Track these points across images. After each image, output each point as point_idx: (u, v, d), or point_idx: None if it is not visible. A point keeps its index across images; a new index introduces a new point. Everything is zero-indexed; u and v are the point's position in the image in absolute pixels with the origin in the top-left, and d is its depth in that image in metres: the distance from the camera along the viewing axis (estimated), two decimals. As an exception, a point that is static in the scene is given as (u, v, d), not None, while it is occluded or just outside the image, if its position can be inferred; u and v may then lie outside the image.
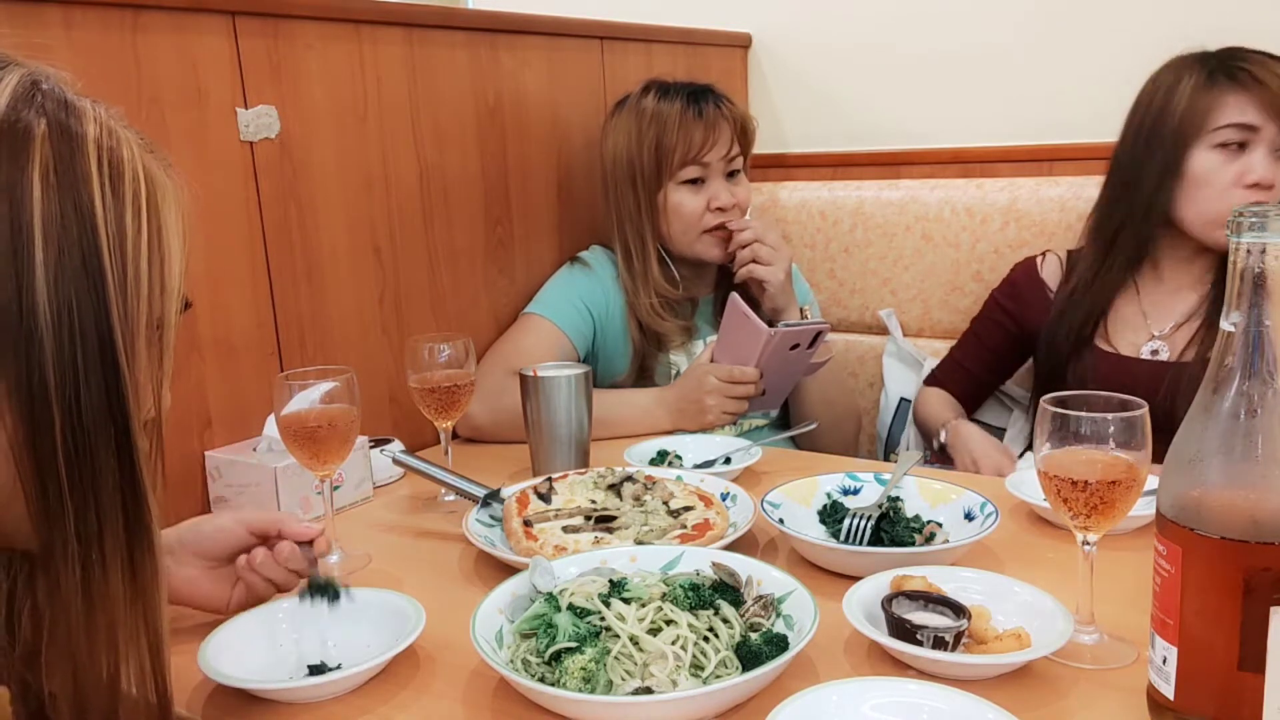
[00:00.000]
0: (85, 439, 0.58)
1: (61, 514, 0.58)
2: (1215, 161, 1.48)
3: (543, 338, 1.71)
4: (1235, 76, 1.47)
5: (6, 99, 0.57)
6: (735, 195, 1.74)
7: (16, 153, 0.56)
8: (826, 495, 1.25)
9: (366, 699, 0.90)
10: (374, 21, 1.52)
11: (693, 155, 1.70)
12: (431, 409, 1.38)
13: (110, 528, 0.60)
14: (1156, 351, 1.58)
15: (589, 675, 0.82)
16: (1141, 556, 1.05)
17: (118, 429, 0.59)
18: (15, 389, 0.56)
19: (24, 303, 0.55)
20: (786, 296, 1.72)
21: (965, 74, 2.13)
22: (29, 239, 0.55)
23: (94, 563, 0.59)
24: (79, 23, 1.18)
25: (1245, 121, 1.46)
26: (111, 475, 0.59)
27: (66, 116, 0.59)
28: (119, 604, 0.61)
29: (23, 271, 0.55)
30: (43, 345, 0.56)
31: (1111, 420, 0.86)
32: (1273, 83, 1.45)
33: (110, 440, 0.59)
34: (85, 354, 0.57)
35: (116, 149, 0.60)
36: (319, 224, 1.48)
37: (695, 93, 1.72)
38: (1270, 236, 0.70)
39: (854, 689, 0.79)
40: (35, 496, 0.57)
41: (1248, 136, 1.47)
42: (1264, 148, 1.46)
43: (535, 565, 0.98)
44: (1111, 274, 1.61)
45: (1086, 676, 0.87)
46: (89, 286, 0.57)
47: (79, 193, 0.57)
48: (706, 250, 1.76)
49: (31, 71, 0.60)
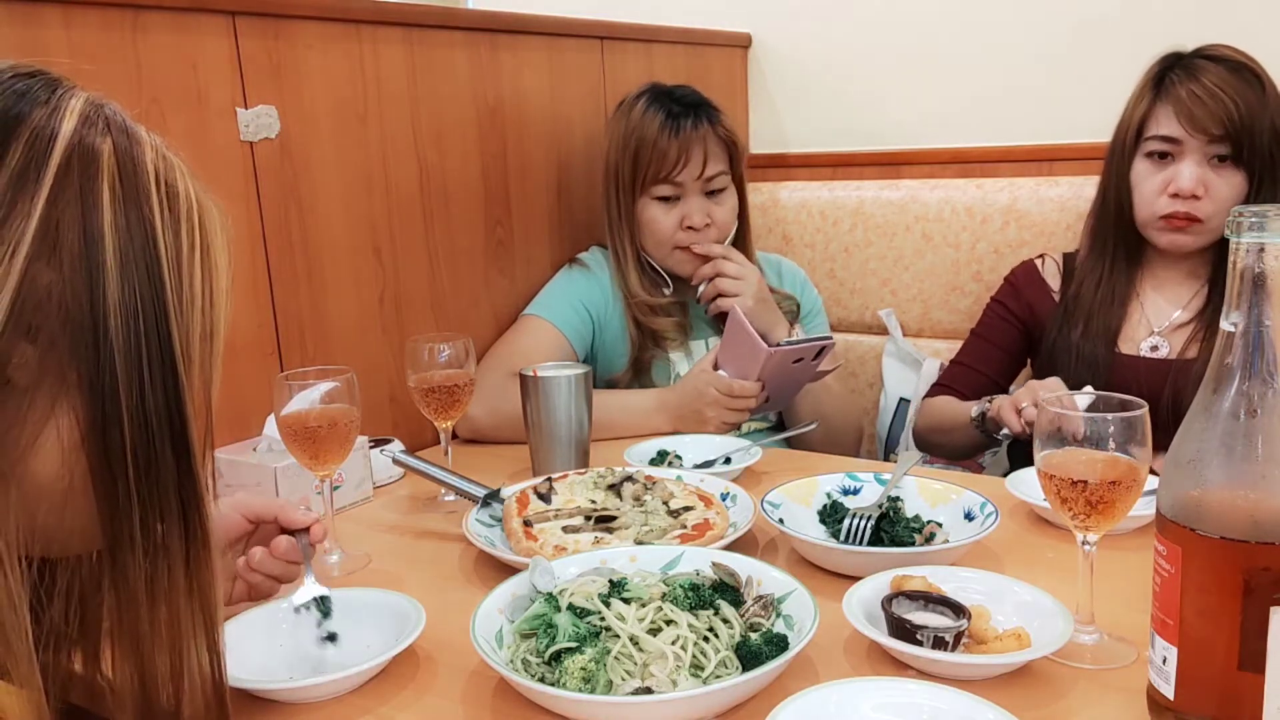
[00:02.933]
0: (150, 436, 0.62)
1: (129, 507, 0.62)
2: (1147, 170, 1.54)
3: (542, 339, 1.71)
4: (1165, 87, 1.51)
5: (76, 119, 0.61)
6: (712, 215, 1.72)
7: (87, 165, 0.60)
8: (826, 495, 1.25)
9: (366, 699, 0.90)
10: (374, 21, 1.52)
11: (664, 174, 1.69)
12: (431, 409, 1.38)
13: (172, 522, 0.64)
14: (1156, 348, 1.59)
15: (589, 675, 0.82)
16: (1141, 556, 1.06)
17: (175, 430, 0.63)
18: (88, 385, 0.60)
19: (95, 304, 0.59)
20: (767, 318, 1.69)
21: (965, 74, 2.13)
22: (100, 245, 0.59)
23: (159, 555, 0.63)
24: (79, 23, 1.18)
25: (1168, 134, 1.50)
26: (172, 472, 0.63)
27: (127, 140, 0.63)
28: (180, 595, 0.65)
29: (95, 275, 0.59)
30: (112, 345, 0.60)
31: (1111, 420, 0.86)
32: (1199, 94, 1.47)
33: (169, 439, 0.63)
34: (149, 356, 0.61)
35: (170, 172, 0.65)
36: (319, 224, 1.48)
37: (680, 108, 1.70)
38: (1269, 236, 0.70)
39: (854, 689, 0.79)
40: (103, 489, 0.61)
41: (1172, 148, 1.51)
42: (1192, 158, 1.49)
43: (535, 565, 0.98)
44: (1114, 276, 1.62)
45: (1086, 676, 0.87)
46: (151, 295, 0.61)
47: (141, 208, 0.62)
48: (679, 266, 1.75)
49: (93, 97, 0.64)
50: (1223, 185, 1.50)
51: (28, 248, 0.57)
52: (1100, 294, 1.63)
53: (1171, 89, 1.51)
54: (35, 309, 0.57)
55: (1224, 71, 1.48)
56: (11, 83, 0.61)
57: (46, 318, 0.58)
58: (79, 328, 0.59)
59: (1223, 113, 1.46)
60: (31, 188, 0.58)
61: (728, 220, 1.76)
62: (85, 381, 0.59)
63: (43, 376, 0.59)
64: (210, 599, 0.67)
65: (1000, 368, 1.78)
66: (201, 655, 0.67)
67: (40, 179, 0.58)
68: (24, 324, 0.57)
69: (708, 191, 1.73)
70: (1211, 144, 1.48)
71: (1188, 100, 1.48)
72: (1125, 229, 1.60)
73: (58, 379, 0.59)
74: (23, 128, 0.59)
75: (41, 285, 0.57)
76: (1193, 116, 1.47)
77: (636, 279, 1.75)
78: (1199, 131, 1.47)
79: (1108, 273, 1.63)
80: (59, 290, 0.58)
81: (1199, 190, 1.49)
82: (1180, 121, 1.49)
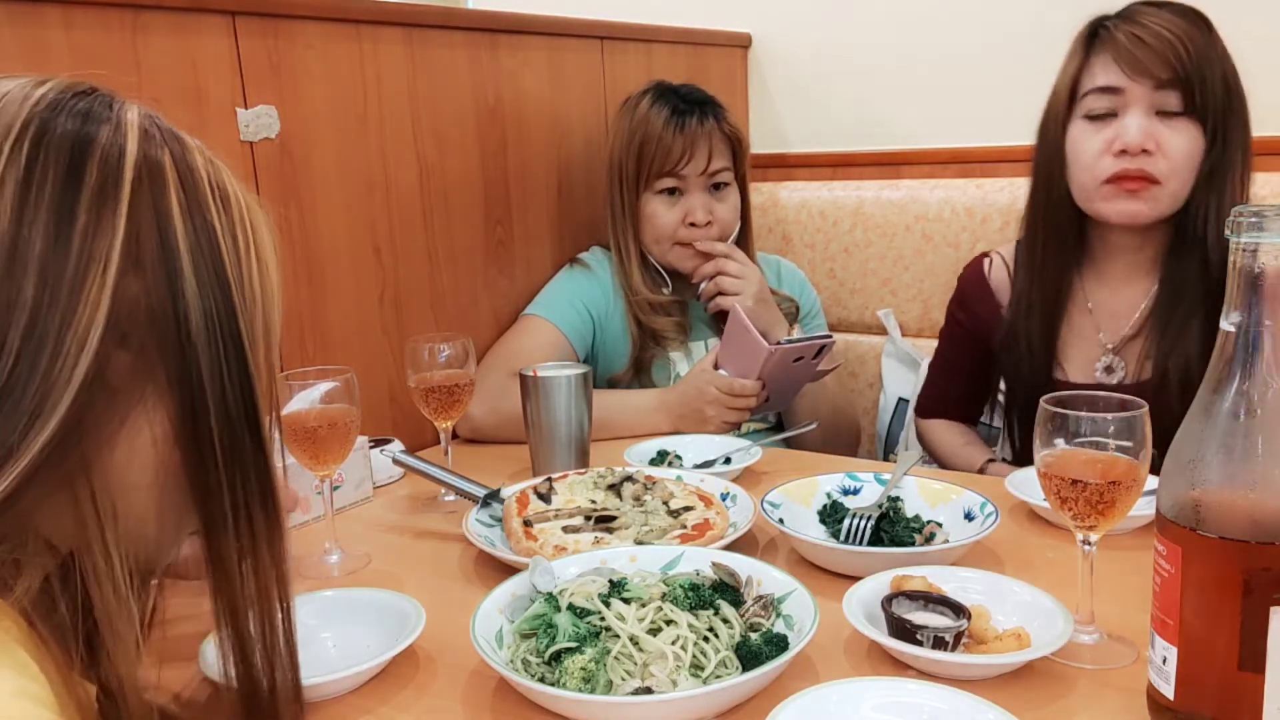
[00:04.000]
0: (232, 425, 0.67)
1: (219, 490, 0.67)
2: (1084, 132, 1.35)
3: (542, 339, 1.71)
4: (1099, 37, 1.34)
5: (137, 134, 0.65)
6: (714, 212, 1.72)
7: (155, 180, 0.64)
8: (826, 495, 1.25)
9: (366, 699, 0.90)
10: (374, 21, 1.52)
11: (668, 167, 1.70)
12: (431, 409, 1.38)
13: (254, 502, 0.69)
14: (1111, 369, 1.44)
15: (589, 675, 0.82)
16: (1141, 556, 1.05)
17: (250, 417, 0.68)
18: (176, 383, 0.65)
19: (178, 309, 0.64)
20: (767, 318, 1.69)
21: (965, 74, 2.13)
22: (176, 253, 0.64)
23: (247, 532, 0.69)
24: (79, 23, 1.18)
25: (1108, 84, 1.32)
26: (251, 456, 0.68)
27: (181, 148, 0.67)
28: (266, 567, 0.71)
29: (174, 281, 0.64)
30: (195, 345, 0.64)
31: (1111, 420, 0.86)
32: (1142, 35, 1.29)
33: (247, 427, 0.68)
34: (226, 352, 0.66)
35: (218, 174, 0.69)
36: (319, 224, 1.48)
37: (686, 104, 1.71)
38: (1268, 236, 0.70)
39: (854, 689, 0.79)
40: (196, 476, 0.66)
41: (1115, 102, 1.32)
42: (1138, 108, 1.30)
43: (535, 565, 0.98)
44: (1055, 276, 1.45)
45: (1086, 676, 0.87)
46: (223, 296, 0.66)
47: (205, 213, 0.66)
48: (679, 262, 1.75)
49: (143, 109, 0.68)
50: (1176, 138, 1.30)
51: (117, 262, 0.61)
52: (1041, 305, 1.45)
53: (1108, 38, 1.33)
54: (127, 318, 0.62)
55: (1168, 15, 1.31)
56: (73, 103, 0.64)
57: (136, 324, 0.63)
58: (164, 332, 0.64)
59: (1170, 54, 1.27)
60: (112, 205, 0.61)
61: (730, 217, 1.76)
62: (174, 380, 0.64)
63: (135, 379, 0.64)
64: (285, 570, 0.73)
65: (972, 383, 1.64)
66: (282, 622, 0.73)
67: (118, 196, 0.62)
68: (119, 332, 0.62)
69: (711, 187, 1.73)
70: (1160, 90, 1.29)
71: (1128, 44, 1.29)
72: (1062, 216, 1.41)
73: (148, 379, 0.64)
74: (94, 147, 0.62)
75: (130, 296, 0.62)
76: (1134, 60, 1.28)
77: (639, 276, 1.76)
78: (1143, 76, 1.29)
79: (1048, 275, 1.44)
80: (145, 299, 0.63)
81: (1149, 144, 1.29)
82: (1121, 67, 1.30)
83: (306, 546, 1.20)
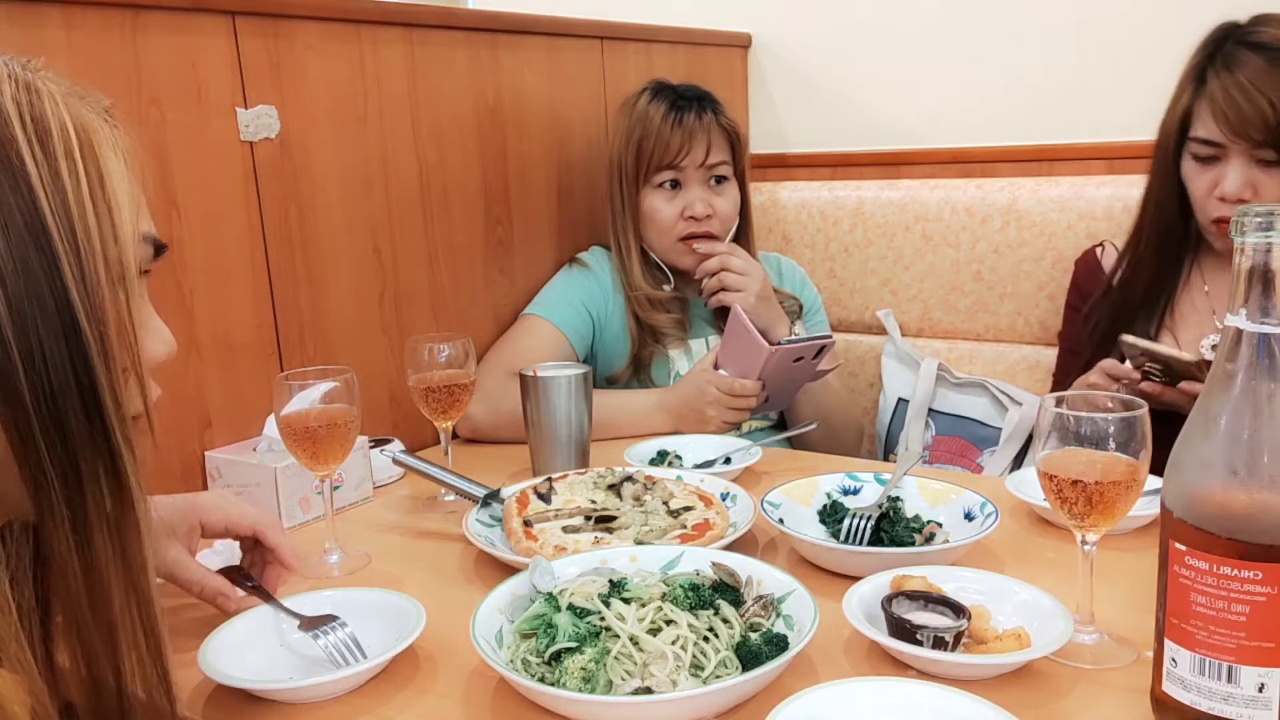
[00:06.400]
0: (53, 403, 0.57)
1: (46, 481, 0.58)
2: (1194, 170, 1.45)
3: (542, 339, 1.71)
4: (1205, 81, 1.41)
5: None
6: (714, 205, 1.73)
7: None
8: (826, 495, 1.25)
9: (366, 699, 0.90)
10: (374, 21, 1.52)
11: (667, 160, 1.70)
12: (431, 409, 1.38)
13: (93, 490, 0.60)
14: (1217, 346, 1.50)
15: (589, 675, 0.82)
16: (1141, 556, 1.06)
17: (82, 388, 0.58)
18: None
19: None
20: (768, 316, 1.69)
21: (965, 74, 2.13)
22: None
23: (83, 525, 0.60)
24: (79, 23, 1.18)
25: (1209, 139, 1.41)
26: (85, 434, 0.59)
27: None
28: (108, 565, 0.61)
29: None
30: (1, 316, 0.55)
31: (1111, 420, 0.86)
32: (1238, 98, 1.36)
33: (78, 401, 0.58)
34: (44, 318, 0.56)
35: (37, 103, 0.59)
36: (319, 224, 1.48)
37: (683, 99, 1.72)
38: (1275, 236, 0.70)
39: (854, 689, 0.79)
40: (24, 464, 0.58)
41: (1216, 151, 1.42)
42: (1238, 160, 1.40)
43: (535, 565, 0.98)
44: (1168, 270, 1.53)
45: (1086, 676, 0.87)
46: (36, 249, 0.56)
47: (6, 157, 0.56)
48: (680, 259, 1.76)
49: None
50: (1274, 186, 1.40)
51: None
52: (1147, 286, 1.53)
53: (1209, 84, 1.40)
54: None
55: (1263, 64, 1.36)
56: None
57: None
58: None
59: (1258, 117, 1.35)
60: None
61: (730, 212, 1.76)
62: None
63: None
64: (139, 566, 0.63)
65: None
66: (136, 627, 0.64)
67: None
68: None
69: (710, 181, 1.74)
70: (1257, 149, 1.38)
71: (1224, 103, 1.38)
72: (1177, 230, 1.51)
73: None
74: None
75: None
76: (1230, 122, 1.38)
77: (639, 272, 1.76)
78: (1240, 138, 1.38)
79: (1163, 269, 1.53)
80: None
81: (1246, 193, 1.40)
82: (1219, 125, 1.39)
83: (307, 546, 1.20)
